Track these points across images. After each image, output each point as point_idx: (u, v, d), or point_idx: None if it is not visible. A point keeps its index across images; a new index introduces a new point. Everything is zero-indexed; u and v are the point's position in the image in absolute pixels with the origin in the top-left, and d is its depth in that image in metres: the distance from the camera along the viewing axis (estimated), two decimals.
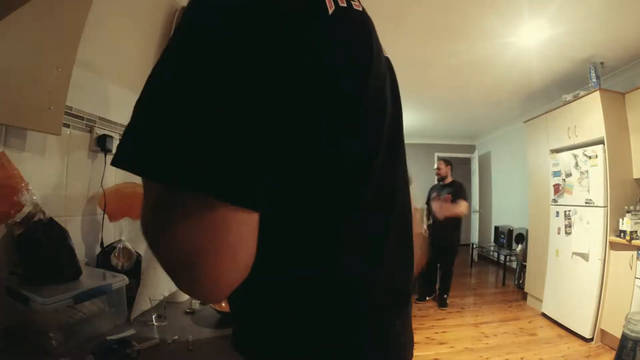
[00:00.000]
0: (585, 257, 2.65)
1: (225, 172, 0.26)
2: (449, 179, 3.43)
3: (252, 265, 0.31)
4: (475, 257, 5.72)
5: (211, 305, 0.90)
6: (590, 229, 2.64)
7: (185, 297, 1.04)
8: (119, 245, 0.99)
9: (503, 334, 2.71)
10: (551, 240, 3.07)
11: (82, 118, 1.01)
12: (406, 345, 0.47)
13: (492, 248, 5.03)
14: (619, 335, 2.04)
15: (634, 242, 2.30)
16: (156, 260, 0.30)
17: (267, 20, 0.29)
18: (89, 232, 1.04)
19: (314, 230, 0.35)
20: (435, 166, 3.60)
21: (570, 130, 2.93)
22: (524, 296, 3.54)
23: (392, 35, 2.42)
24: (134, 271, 0.98)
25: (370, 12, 0.41)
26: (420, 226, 2.22)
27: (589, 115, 2.73)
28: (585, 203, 2.68)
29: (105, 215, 1.05)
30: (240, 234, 0.29)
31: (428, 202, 3.48)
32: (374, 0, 2.05)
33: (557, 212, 3.02)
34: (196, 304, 0.98)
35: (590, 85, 2.77)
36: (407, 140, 0.48)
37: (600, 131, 2.61)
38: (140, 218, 0.31)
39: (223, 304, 0.88)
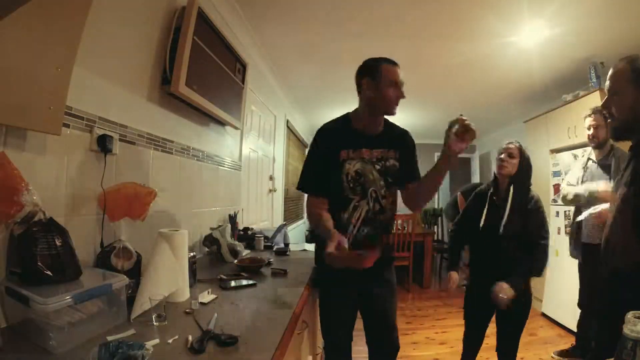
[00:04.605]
0: None
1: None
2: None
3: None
4: None
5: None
6: None
7: (185, 297, 1.04)
8: (119, 245, 0.99)
9: None
10: (551, 241, 3.07)
11: (82, 118, 1.01)
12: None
13: None
14: None
15: None
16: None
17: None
18: (89, 232, 1.04)
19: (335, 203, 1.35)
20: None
21: (570, 131, 2.93)
22: None
23: (393, 35, 2.42)
24: (134, 271, 0.99)
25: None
26: None
27: None
28: None
29: (105, 215, 1.05)
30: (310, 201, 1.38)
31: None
32: (374, 2, 2.07)
33: (557, 212, 3.03)
34: (196, 303, 0.98)
35: (590, 85, 2.77)
36: None
37: None
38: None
39: None
